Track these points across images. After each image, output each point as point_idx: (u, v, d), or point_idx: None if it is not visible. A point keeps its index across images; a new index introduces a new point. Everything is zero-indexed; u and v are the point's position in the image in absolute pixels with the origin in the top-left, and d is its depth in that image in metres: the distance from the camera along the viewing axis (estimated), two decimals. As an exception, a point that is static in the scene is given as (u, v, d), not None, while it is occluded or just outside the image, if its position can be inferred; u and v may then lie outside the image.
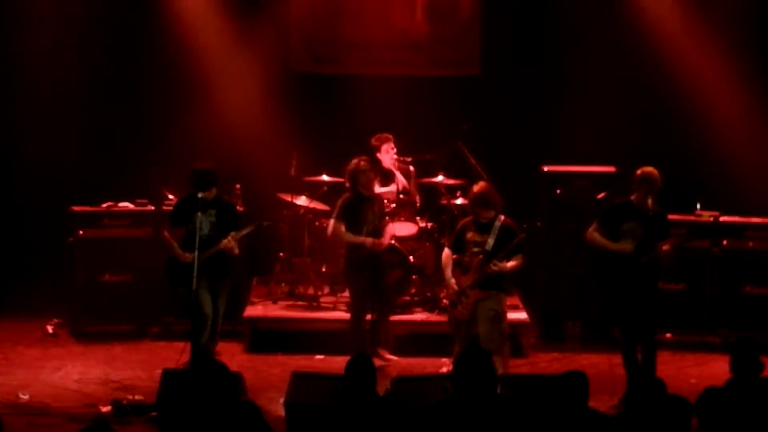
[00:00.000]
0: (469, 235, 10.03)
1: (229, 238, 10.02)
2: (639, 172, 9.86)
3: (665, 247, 9.66)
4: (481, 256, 9.93)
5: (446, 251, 10.28)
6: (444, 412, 6.84)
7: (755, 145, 13.08)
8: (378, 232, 10.84)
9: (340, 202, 10.87)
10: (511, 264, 9.91)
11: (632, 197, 9.86)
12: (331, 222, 10.85)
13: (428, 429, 6.86)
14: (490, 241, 9.92)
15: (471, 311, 9.96)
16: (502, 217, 10.00)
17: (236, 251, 10.14)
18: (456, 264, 10.18)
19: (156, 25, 13.27)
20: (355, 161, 10.84)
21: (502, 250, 9.85)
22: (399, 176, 12.14)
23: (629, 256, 9.72)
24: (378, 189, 12.07)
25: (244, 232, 10.20)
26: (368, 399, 7.09)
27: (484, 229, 9.98)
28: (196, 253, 9.77)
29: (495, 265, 9.83)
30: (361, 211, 10.78)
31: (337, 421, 6.99)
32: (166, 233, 10.27)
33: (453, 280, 10.09)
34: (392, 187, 12.09)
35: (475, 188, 10.15)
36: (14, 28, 13.10)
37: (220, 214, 10.08)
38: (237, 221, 10.25)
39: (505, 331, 10.11)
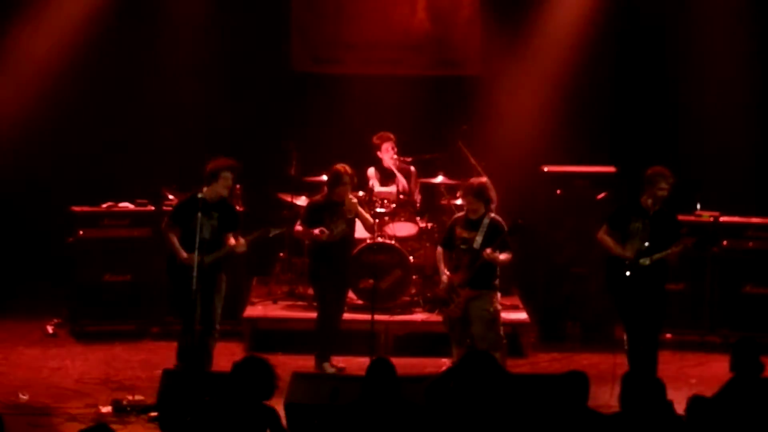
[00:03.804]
0: (458, 231, 10.04)
1: (240, 242, 10.03)
2: (647, 172, 9.87)
3: (674, 250, 9.67)
4: (469, 255, 9.93)
5: (439, 249, 10.33)
6: (448, 412, 6.85)
7: (755, 145, 13.08)
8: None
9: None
10: (503, 256, 9.89)
11: (641, 198, 9.87)
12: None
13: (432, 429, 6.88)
14: (478, 239, 9.91)
15: (463, 309, 9.96)
16: (491, 215, 10.00)
17: (245, 249, 10.19)
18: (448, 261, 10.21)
19: (156, 25, 13.27)
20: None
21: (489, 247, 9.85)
22: (399, 177, 12.12)
23: (634, 258, 9.73)
24: (378, 189, 12.09)
25: (253, 237, 10.20)
26: (391, 402, 7.07)
27: (473, 226, 9.97)
28: (195, 253, 9.74)
29: (487, 255, 9.80)
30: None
31: (358, 425, 6.97)
32: (165, 229, 10.17)
33: (446, 276, 10.10)
34: (392, 188, 12.09)
35: (473, 180, 10.24)
36: (14, 28, 13.09)
37: (222, 218, 10.06)
38: (237, 224, 10.24)
39: (501, 330, 10.13)
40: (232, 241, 10.07)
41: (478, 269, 9.88)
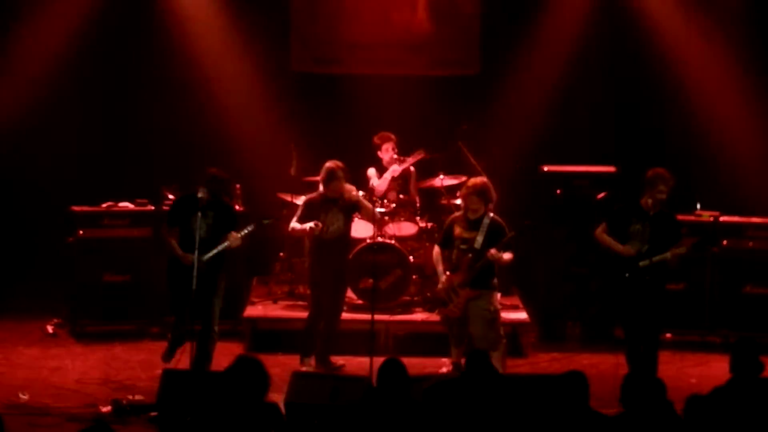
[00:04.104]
0: (457, 230, 10.06)
1: (233, 236, 10.02)
2: (647, 173, 9.85)
3: (678, 250, 9.65)
4: (470, 255, 9.94)
5: (436, 248, 10.35)
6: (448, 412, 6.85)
7: (755, 145, 13.08)
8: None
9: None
10: (506, 256, 9.90)
11: (641, 199, 9.85)
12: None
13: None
14: (479, 239, 9.93)
15: (462, 309, 9.98)
16: (491, 215, 10.01)
17: (239, 243, 10.18)
18: (445, 260, 10.21)
19: (156, 26, 13.28)
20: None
21: (491, 248, 9.85)
22: (389, 175, 12.09)
23: (633, 258, 9.72)
24: (377, 181, 12.08)
25: (246, 231, 10.18)
26: (401, 403, 7.06)
27: (473, 225, 9.99)
28: (196, 253, 9.75)
29: (492, 255, 9.81)
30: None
31: (368, 425, 6.96)
32: (164, 233, 10.22)
33: (444, 276, 10.11)
34: (388, 174, 12.04)
35: (472, 180, 10.25)
36: (14, 28, 13.09)
37: (218, 216, 10.06)
38: (235, 222, 10.23)
39: (500, 330, 10.13)
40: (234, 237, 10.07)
41: (479, 269, 9.90)
